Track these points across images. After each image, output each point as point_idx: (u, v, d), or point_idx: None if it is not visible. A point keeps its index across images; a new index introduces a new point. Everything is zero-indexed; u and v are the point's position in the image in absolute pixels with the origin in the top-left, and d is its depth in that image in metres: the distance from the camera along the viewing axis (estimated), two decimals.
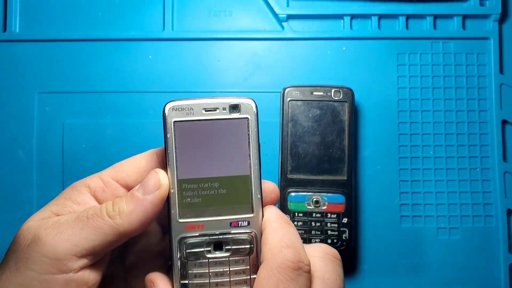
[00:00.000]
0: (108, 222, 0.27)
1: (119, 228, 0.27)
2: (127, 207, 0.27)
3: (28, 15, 0.48)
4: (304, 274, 0.25)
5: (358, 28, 0.48)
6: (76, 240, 0.26)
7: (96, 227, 0.27)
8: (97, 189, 0.30)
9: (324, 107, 0.44)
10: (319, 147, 0.43)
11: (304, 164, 0.43)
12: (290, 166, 0.43)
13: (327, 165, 0.43)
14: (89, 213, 0.27)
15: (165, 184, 0.28)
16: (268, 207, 0.30)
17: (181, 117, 0.28)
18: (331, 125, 0.44)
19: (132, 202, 0.27)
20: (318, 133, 0.43)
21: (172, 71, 0.47)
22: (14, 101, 0.46)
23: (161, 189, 0.28)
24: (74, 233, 0.26)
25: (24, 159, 0.46)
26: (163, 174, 0.28)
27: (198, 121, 0.28)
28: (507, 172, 0.46)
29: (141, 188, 0.28)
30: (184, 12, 0.48)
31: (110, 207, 0.27)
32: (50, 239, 0.26)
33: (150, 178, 0.28)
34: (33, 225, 0.27)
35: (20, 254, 0.26)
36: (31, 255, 0.26)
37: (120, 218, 0.27)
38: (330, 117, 0.44)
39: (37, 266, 0.26)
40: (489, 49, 0.48)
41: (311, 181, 0.43)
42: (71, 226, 0.26)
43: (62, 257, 0.26)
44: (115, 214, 0.27)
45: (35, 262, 0.26)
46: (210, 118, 0.28)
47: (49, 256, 0.26)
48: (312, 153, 0.43)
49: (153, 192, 0.28)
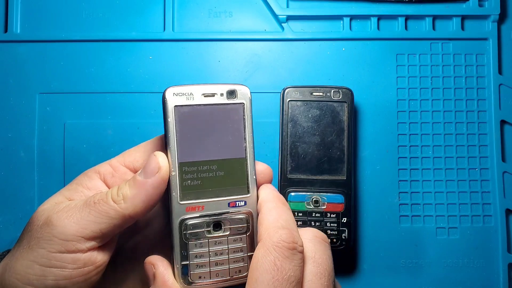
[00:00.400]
0: (113, 207, 0.28)
1: (124, 212, 0.28)
2: (130, 191, 0.29)
3: (29, 16, 0.48)
4: (298, 254, 0.26)
5: (358, 29, 0.48)
6: (84, 223, 0.28)
7: (102, 211, 0.28)
8: (107, 174, 0.31)
9: (324, 108, 0.44)
10: (318, 147, 0.44)
11: (304, 164, 0.43)
12: (290, 166, 0.43)
13: (326, 165, 0.43)
14: (96, 198, 0.29)
15: (165, 166, 0.29)
16: (264, 186, 0.31)
17: (181, 102, 0.29)
18: (330, 125, 0.44)
19: (134, 186, 0.29)
20: (318, 133, 0.44)
21: (172, 72, 0.47)
22: (15, 102, 0.47)
23: (161, 171, 0.29)
24: (82, 216, 0.28)
25: (25, 159, 0.46)
26: (162, 156, 0.29)
27: (197, 106, 0.29)
28: (506, 172, 0.47)
29: (142, 172, 0.29)
30: (185, 13, 0.48)
31: (115, 192, 0.29)
32: (60, 221, 0.28)
33: (150, 161, 0.29)
34: (47, 208, 0.29)
35: (33, 233, 0.28)
36: (43, 235, 0.28)
37: (124, 202, 0.28)
38: (329, 118, 0.44)
39: (47, 244, 0.27)
40: (488, 50, 0.48)
41: (311, 181, 0.43)
42: (80, 210, 0.28)
43: (71, 238, 0.27)
44: (119, 199, 0.28)
45: (46, 241, 0.27)
46: (209, 103, 0.29)
47: (58, 237, 0.27)
48: (311, 153, 0.44)
49: (154, 175, 0.29)
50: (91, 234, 0.28)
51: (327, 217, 0.43)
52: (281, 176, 0.43)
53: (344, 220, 0.43)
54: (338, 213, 0.43)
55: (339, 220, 0.43)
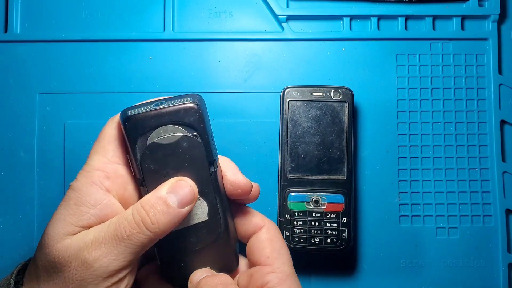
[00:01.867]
0: (148, 236, 0.29)
1: (157, 237, 0.29)
2: (164, 219, 0.29)
3: (29, 16, 0.48)
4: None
5: (358, 29, 0.48)
6: (123, 257, 0.28)
7: (137, 242, 0.29)
8: (102, 180, 0.31)
9: (324, 108, 0.44)
10: (318, 147, 0.44)
11: (304, 164, 0.43)
12: (290, 166, 0.43)
13: (326, 165, 0.43)
14: (127, 230, 0.29)
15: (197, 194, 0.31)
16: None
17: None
18: (330, 125, 0.44)
19: (168, 214, 0.29)
20: (318, 133, 0.44)
21: (172, 72, 0.47)
22: (15, 102, 0.47)
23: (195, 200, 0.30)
24: (119, 251, 0.28)
25: (25, 159, 0.46)
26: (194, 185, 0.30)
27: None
28: (506, 172, 0.47)
29: (174, 198, 0.29)
30: (185, 13, 0.48)
31: (148, 221, 0.29)
32: (100, 262, 0.28)
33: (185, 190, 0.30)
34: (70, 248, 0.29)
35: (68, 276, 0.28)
36: (85, 277, 0.28)
37: (159, 229, 0.29)
38: (329, 118, 0.44)
39: (92, 285, 0.28)
40: (488, 50, 0.48)
41: (311, 181, 0.43)
42: (114, 246, 0.28)
43: (114, 273, 0.28)
44: (154, 227, 0.29)
45: (90, 282, 0.28)
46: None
47: (103, 276, 0.28)
48: (311, 153, 0.44)
49: (189, 205, 0.30)
50: (130, 263, 0.29)
51: (327, 217, 0.43)
52: (281, 176, 0.43)
53: (344, 220, 0.43)
54: (338, 213, 0.43)
55: (339, 220, 0.43)
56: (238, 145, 0.46)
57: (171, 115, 0.30)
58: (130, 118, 0.30)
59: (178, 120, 0.31)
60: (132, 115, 0.30)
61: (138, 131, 0.30)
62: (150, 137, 0.31)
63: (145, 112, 0.30)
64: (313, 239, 0.42)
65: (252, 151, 0.46)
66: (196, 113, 0.31)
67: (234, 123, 0.47)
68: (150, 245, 0.29)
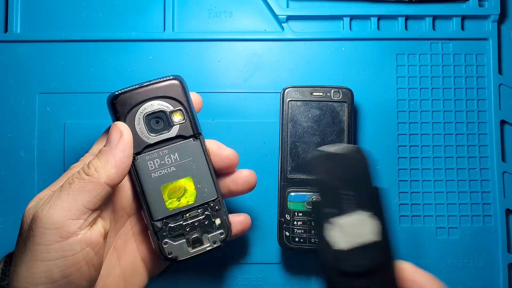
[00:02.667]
0: (87, 179, 0.29)
1: (99, 181, 0.30)
2: (99, 160, 0.30)
3: (29, 16, 0.48)
4: None
5: (358, 29, 0.48)
6: (67, 206, 0.29)
7: (79, 188, 0.29)
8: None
9: (324, 108, 0.44)
10: (318, 147, 0.44)
11: (304, 164, 0.43)
12: (290, 166, 0.43)
13: None
14: (70, 179, 0.30)
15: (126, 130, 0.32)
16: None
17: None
18: (330, 125, 0.44)
19: (102, 155, 0.31)
20: (318, 133, 0.44)
21: (172, 72, 0.47)
22: (15, 102, 0.47)
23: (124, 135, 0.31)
24: (63, 200, 0.29)
25: (25, 159, 0.46)
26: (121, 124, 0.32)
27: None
28: (506, 172, 0.47)
29: (107, 143, 0.31)
30: (185, 13, 0.48)
31: (85, 167, 0.30)
32: (45, 213, 0.28)
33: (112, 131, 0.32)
34: (31, 207, 0.30)
35: (25, 235, 0.29)
36: (34, 232, 0.28)
37: (97, 172, 0.30)
38: (329, 118, 0.44)
39: (42, 239, 0.28)
40: (488, 50, 0.48)
41: (311, 181, 0.43)
42: (59, 196, 0.29)
43: (60, 224, 0.28)
44: (91, 171, 0.30)
45: (39, 236, 0.28)
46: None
47: (49, 227, 0.28)
48: (312, 153, 0.44)
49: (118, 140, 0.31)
50: (76, 213, 0.29)
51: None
52: (281, 176, 0.43)
53: None
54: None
55: None
56: (238, 145, 0.46)
57: (156, 90, 0.34)
58: (117, 96, 0.33)
59: (163, 95, 0.34)
60: (119, 93, 0.33)
61: (126, 107, 0.33)
62: (137, 113, 0.33)
63: (131, 90, 0.34)
64: (313, 239, 0.42)
65: (252, 151, 0.46)
66: (180, 86, 0.35)
67: (234, 123, 0.47)
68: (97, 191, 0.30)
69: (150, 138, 0.34)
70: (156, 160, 0.34)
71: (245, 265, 0.45)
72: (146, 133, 0.34)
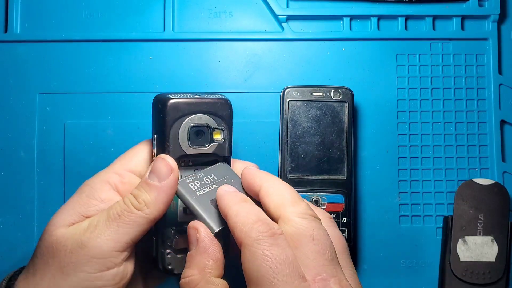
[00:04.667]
0: (139, 215, 0.30)
1: (150, 217, 0.30)
2: (150, 197, 0.30)
3: (29, 16, 0.48)
4: (280, 236, 0.27)
5: (358, 29, 0.48)
6: (116, 238, 0.29)
7: (129, 221, 0.29)
8: (117, 182, 0.32)
9: (324, 108, 0.44)
10: (318, 147, 0.44)
11: (304, 164, 0.43)
12: (290, 166, 0.43)
13: (326, 165, 0.43)
14: (118, 210, 0.30)
15: (176, 167, 0.31)
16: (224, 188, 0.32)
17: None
18: (330, 125, 0.44)
19: (152, 191, 0.30)
20: (318, 133, 0.44)
21: (172, 72, 0.47)
22: (15, 102, 0.47)
23: (174, 173, 0.31)
24: (112, 231, 0.29)
25: (25, 159, 0.46)
26: (170, 158, 0.31)
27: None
28: (506, 172, 0.47)
29: (154, 176, 0.31)
30: (185, 13, 0.48)
31: (134, 201, 0.30)
32: (93, 242, 0.29)
33: (160, 165, 0.31)
34: (68, 233, 0.30)
35: (63, 260, 0.29)
36: (79, 259, 0.29)
37: (147, 208, 0.30)
38: (329, 118, 0.44)
39: (87, 267, 0.29)
40: (488, 50, 0.48)
41: (311, 181, 0.43)
42: (107, 226, 0.29)
43: (108, 255, 0.29)
44: (142, 206, 0.30)
45: (84, 264, 0.29)
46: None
47: (97, 257, 0.29)
48: (311, 153, 0.44)
49: (168, 177, 0.31)
50: (124, 246, 0.29)
51: None
52: (281, 176, 0.43)
53: (344, 220, 0.43)
54: (338, 213, 0.43)
55: (339, 220, 0.43)
56: (238, 145, 0.46)
57: (207, 105, 0.34)
58: (173, 101, 0.33)
59: (213, 111, 0.34)
60: (174, 99, 0.33)
61: (177, 114, 0.33)
62: (185, 122, 0.33)
63: (186, 98, 0.34)
64: None
65: (252, 151, 0.46)
66: (229, 108, 0.35)
67: (234, 123, 0.46)
68: (145, 226, 0.30)
69: (189, 149, 0.34)
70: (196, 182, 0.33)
71: None
72: (187, 143, 0.33)
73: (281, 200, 0.29)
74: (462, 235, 0.43)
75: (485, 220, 0.43)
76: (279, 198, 0.29)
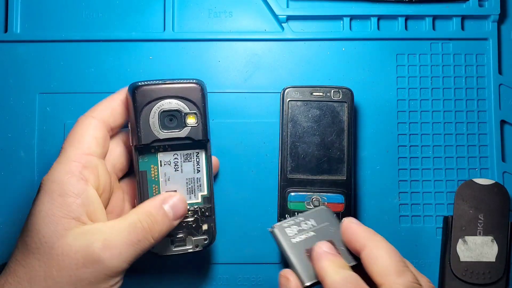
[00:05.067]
0: (151, 243, 0.33)
1: (155, 243, 0.33)
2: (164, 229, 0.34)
3: (29, 16, 0.48)
4: None
5: (358, 29, 0.48)
6: (129, 259, 0.31)
7: (144, 247, 0.32)
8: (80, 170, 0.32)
9: (324, 108, 0.44)
10: (318, 148, 0.44)
11: (304, 164, 0.43)
12: (290, 166, 0.43)
13: (326, 165, 0.43)
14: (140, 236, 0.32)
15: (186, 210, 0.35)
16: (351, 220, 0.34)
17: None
18: (330, 125, 0.44)
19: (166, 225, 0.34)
20: (318, 133, 0.44)
21: (172, 72, 0.47)
22: (15, 102, 0.47)
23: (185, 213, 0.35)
24: (129, 254, 0.31)
25: (25, 159, 0.46)
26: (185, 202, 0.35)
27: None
28: (506, 172, 0.47)
29: (172, 212, 0.34)
30: (185, 13, 0.48)
31: (156, 233, 0.33)
32: (112, 261, 0.30)
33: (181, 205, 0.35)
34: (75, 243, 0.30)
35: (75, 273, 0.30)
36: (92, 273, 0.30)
37: (159, 236, 0.33)
38: (329, 118, 0.44)
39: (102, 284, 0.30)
40: (488, 50, 0.48)
41: (311, 181, 0.43)
42: (127, 249, 0.31)
43: (120, 272, 0.31)
44: (158, 236, 0.33)
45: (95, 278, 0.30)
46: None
47: (108, 274, 0.30)
48: (311, 153, 0.44)
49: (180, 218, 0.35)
50: (130, 264, 0.32)
51: None
52: (281, 176, 0.43)
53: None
54: (338, 213, 0.43)
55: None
56: (238, 145, 0.46)
57: (177, 90, 0.35)
58: (140, 87, 0.35)
59: (183, 96, 0.36)
60: (142, 85, 0.35)
61: (145, 100, 0.35)
62: (155, 107, 0.35)
63: (154, 84, 0.35)
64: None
65: (252, 151, 0.46)
66: (200, 92, 0.36)
67: (234, 123, 0.47)
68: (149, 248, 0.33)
69: (160, 133, 0.35)
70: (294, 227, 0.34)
71: (245, 265, 0.45)
72: (158, 127, 0.35)
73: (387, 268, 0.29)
74: (462, 235, 0.43)
75: (485, 220, 0.43)
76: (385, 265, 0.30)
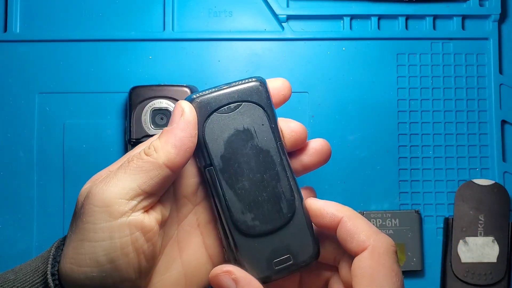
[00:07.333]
0: (146, 159, 0.27)
1: (158, 161, 0.27)
2: (160, 141, 0.28)
3: (29, 16, 0.48)
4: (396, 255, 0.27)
5: (358, 28, 0.48)
6: (121, 184, 0.27)
7: (137, 167, 0.27)
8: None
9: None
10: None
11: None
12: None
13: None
14: (130, 158, 0.28)
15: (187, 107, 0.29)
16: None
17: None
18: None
19: (162, 135, 0.28)
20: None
21: (172, 72, 0.47)
22: (14, 101, 0.47)
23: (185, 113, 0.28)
24: (118, 178, 0.27)
25: (25, 159, 0.46)
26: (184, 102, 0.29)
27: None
28: (507, 172, 0.47)
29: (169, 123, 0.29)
30: (185, 13, 0.48)
31: (146, 148, 0.28)
32: (98, 190, 0.27)
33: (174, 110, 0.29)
34: (88, 186, 0.28)
35: (76, 213, 0.28)
36: (84, 209, 0.27)
37: (156, 152, 0.27)
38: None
39: (91, 217, 0.26)
40: (488, 50, 0.48)
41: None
42: (115, 174, 0.27)
43: (111, 202, 0.26)
44: (151, 151, 0.28)
45: (89, 214, 0.26)
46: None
47: (99, 205, 0.26)
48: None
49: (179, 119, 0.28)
50: (130, 193, 0.27)
51: None
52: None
53: None
54: None
55: None
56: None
57: (168, 91, 0.40)
58: (135, 88, 0.39)
59: (173, 97, 0.39)
60: (138, 87, 0.38)
61: (138, 99, 0.39)
62: (147, 106, 0.38)
63: (147, 86, 0.39)
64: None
65: None
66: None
67: None
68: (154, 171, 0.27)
69: (150, 129, 0.39)
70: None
71: None
72: (149, 124, 0.39)
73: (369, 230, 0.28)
74: (462, 236, 0.43)
75: (485, 220, 0.43)
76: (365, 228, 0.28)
